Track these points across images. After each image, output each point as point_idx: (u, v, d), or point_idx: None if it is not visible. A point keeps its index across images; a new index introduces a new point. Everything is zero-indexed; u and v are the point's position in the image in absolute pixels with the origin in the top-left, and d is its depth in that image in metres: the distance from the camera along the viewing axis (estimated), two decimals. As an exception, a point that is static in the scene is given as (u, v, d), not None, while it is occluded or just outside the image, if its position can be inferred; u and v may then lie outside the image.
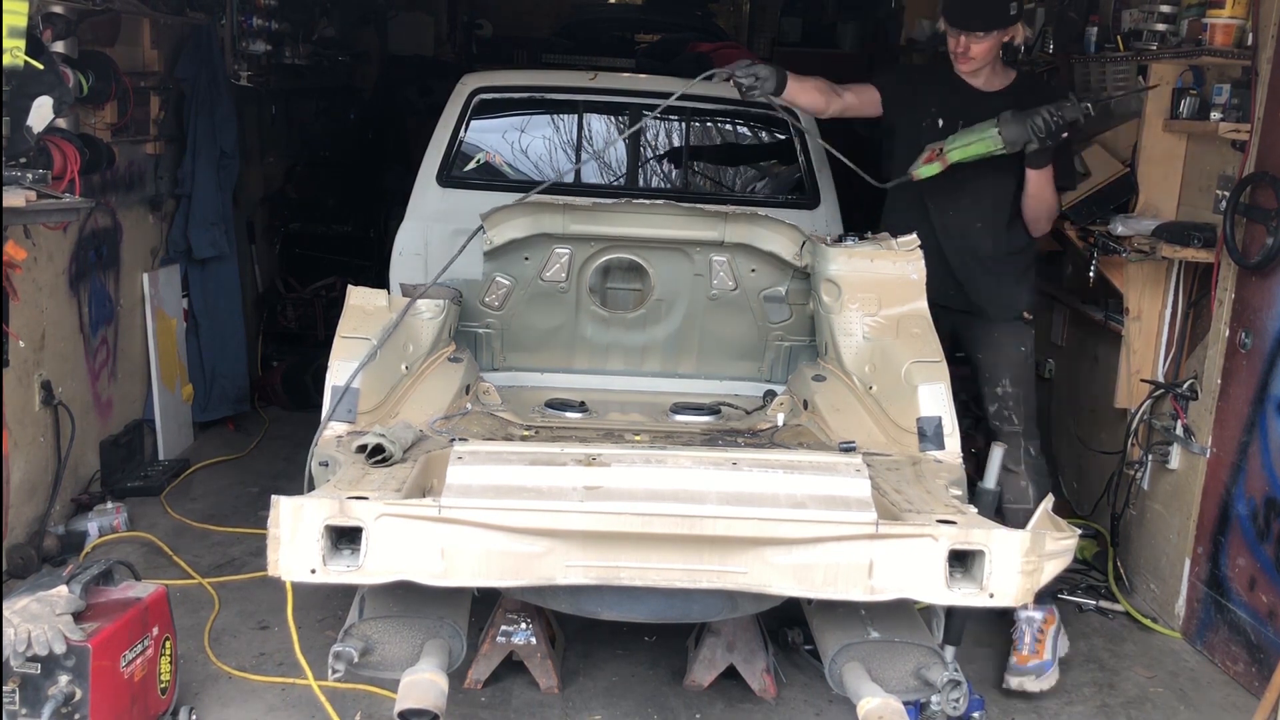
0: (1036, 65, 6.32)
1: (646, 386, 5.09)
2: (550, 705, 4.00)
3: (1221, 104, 4.46)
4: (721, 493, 3.03)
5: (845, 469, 3.14)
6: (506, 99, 5.52)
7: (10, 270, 4.36)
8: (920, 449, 3.89)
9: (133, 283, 5.84)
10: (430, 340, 4.33)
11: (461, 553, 2.98)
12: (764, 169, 5.83)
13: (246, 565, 4.92)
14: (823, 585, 3.05)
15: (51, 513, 4.97)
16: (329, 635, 4.10)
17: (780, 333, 4.99)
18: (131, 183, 5.82)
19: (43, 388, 4.85)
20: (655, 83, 5.73)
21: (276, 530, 2.91)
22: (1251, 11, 4.36)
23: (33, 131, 4.05)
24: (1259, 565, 4.27)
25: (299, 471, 3.71)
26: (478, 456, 3.13)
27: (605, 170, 5.55)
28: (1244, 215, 4.33)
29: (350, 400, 3.90)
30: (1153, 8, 4.81)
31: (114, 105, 5.29)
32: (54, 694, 3.17)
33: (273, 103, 7.90)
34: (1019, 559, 2.99)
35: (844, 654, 3.24)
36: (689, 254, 4.82)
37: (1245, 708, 4.04)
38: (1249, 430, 4.34)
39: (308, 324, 7.78)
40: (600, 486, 3.02)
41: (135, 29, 5.75)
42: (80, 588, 3.39)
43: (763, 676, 4.05)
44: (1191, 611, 4.70)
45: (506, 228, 4.63)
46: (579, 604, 3.36)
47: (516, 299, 4.88)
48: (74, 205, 4.36)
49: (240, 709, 3.86)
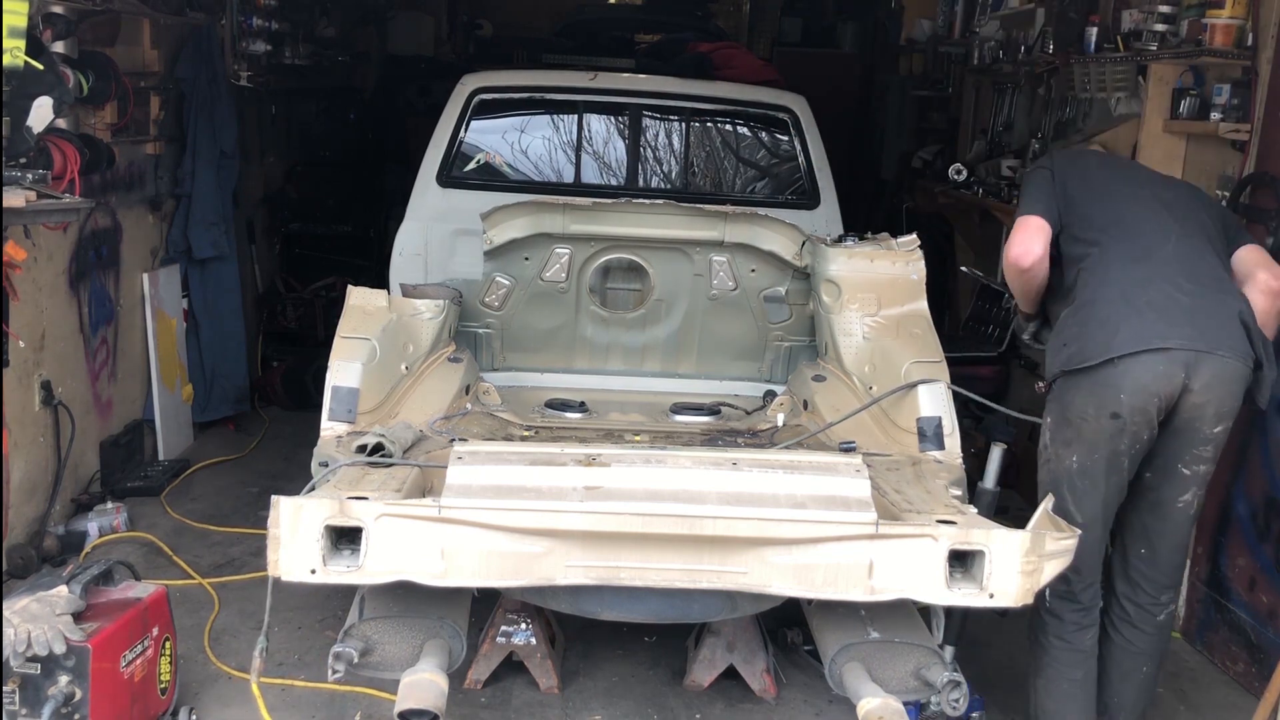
0: (1037, 65, 6.34)
1: (646, 386, 5.10)
2: (550, 705, 4.00)
3: (1221, 104, 4.46)
4: (721, 493, 3.03)
5: (845, 469, 3.14)
6: (506, 99, 5.52)
7: (10, 270, 4.36)
8: (920, 449, 3.90)
9: (133, 283, 5.84)
10: (430, 340, 4.33)
11: (461, 553, 2.98)
12: (764, 169, 5.83)
13: (246, 565, 4.92)
14: (823, 585, 3.05)
15: (51, 513, 4.97)
16: (329, 635, 4.10)
17: (780, 333, 4.99)
18: (131, 183, 5.82)
19: (43, 388, 4.85)
20: (655, 83, 5.74)
21: (276, 530, 2.92)
22: (1251, 11, 4.36)
23: (33, 131, 4.06)
24: (1259, 565, 4.27)
25: (299, 471, 3.71)
26: (478, 457, 3.13)
27: (605, 170, 5.55)
28: (1244, 215, 4.33)
29: (350, 400, 3.90)
30: (1153, 8, 4.81)
31: (114, 105, 5.29)
32: (54, 694, 3.17)
33: (273, 103, 7.90)
34: (1019, 559, 2.99)
35: (844, 654, 3.24)
36: (689, 254, 4.82)
37: (1245, 708, 4.04)
38: (1249, 430, 4.34)
39: (308, 324, 7.77)
40: (600, 487, 3.02)
41: (135, 29, 5.74)
42: (80, 588, 3.39)
43: (763, 676, 4.05)
44: (1191, 611, 4.69)
45: (506, 228, 4.63)
46: (579, 604, 3.36)
47: (516, 299, 4.88)
48: (74, 205, 4.36)
49: (240, 709, 3.85)
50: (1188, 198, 3.69)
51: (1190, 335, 3.27)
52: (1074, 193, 3.59)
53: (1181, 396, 3.31)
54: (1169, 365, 3.26)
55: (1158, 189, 3.69)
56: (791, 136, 5.46)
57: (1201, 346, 3.27)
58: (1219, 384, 3.30)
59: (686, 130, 5.69)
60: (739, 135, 5.87)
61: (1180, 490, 3.46)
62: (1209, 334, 3.29)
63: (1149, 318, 3.31)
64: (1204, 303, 3.34)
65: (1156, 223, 3.50)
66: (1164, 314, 3.31)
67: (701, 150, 5.90)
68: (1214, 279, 3.42)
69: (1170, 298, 3.33)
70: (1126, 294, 3.37)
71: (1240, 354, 3.30)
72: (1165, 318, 3.30)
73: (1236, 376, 3.32)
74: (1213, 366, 3.27)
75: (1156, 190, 3.67)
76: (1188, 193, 3.75)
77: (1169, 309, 3.31)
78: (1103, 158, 4.49)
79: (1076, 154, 4.60)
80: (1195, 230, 3.51)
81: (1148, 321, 3.30)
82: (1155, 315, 3.31)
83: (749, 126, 5.85)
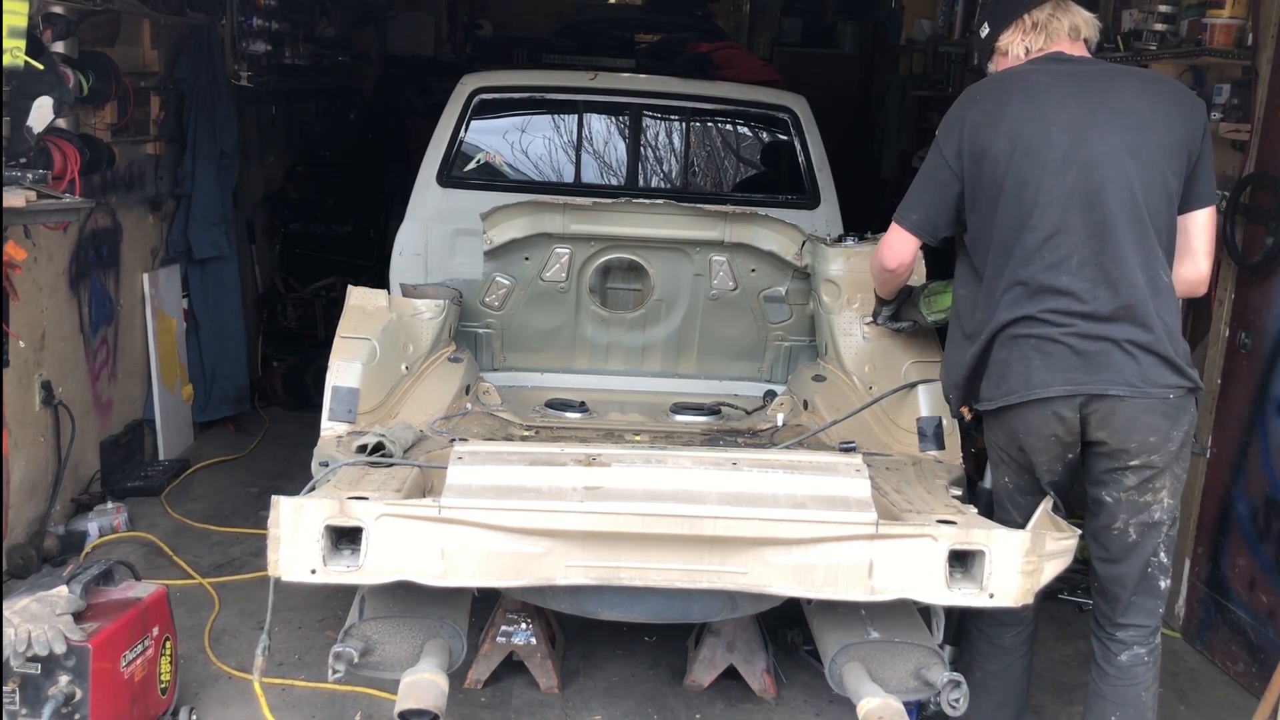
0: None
1: (646, 386, 5.10)
2: (550, 705, 4.00)
3: (1221, 104, 4.46)
4: (721, 493, 3.03)
5: (845, 469, 3.13)
6: (507, 99, 5.52)
7: (10, 270, 4.36)
8: (920, 449, 3.90)
9: (133, 283, 5.84)
10: (430, 340, 4.33)
11: (461, 553, 2.98)
12: (764, 169, 5.83)
13: (246, 565, 4.92)
14: (823, 585, 3.05)
15: (51, 513, 4.97)
16: (329, 635, 4.10)
17: (780, 333, 5.00)
18: (131, 183, 5.82)
19: (43, 388, 4.85)
20: (655, 83, 5.74)
21: (277, 530, 2.92)
22: (1251, 11, 4.36)
23: (33, 131, 4.06)
24: (1259, 565, 4.27)
25: (299, 471, 3.71)
26: (478, 457, 3.13)
27: (605, 170, 5.55)
28: (1244, 215, 4.34)
29: (350, 400, 3.90)
30: (1153, 8, 4.81)
31: (114, 105, 5.29)
32: (54, 694, 3.17)
33: (273, 103, 7.90)
34: (1019, 559, 2.99)
35: (844, 654, 3.24)
36: (689, 254, 4.82)
37: (1245, 708, 4.04)
38: (1249, 430, 4.34)
39: (308, 324, 7.77)
40: (600, 487, 3.02)
41: (135, 29, 5.74)
42: (80, 588, 3.39)
43: (763, 676, 4.05)
44: (1191, 611, 4.70)
45: (506, 228, 4.63)
46: (579, 604, 3.36)
47: (516, 299, 4.88)
48: (74, 205, 4.36)
49: (240, 709, 3.86)
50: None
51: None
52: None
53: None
54: (1058, 409, 3.11)
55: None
56: (792, 136, 5.47)
57: (1095, 389, 3.05)
58: (1120, 421, 3.07)
59: (687, 130, 5.70)
60: (739, 135, 5.87)
61: (1109, 519, 3.18)
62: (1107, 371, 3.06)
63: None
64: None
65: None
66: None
67: (702, 150, 5.90)
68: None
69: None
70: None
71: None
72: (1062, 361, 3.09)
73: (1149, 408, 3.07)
74: (1109, 405, 3.08)
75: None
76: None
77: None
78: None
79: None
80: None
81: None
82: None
83: (749, 126, 5.85)
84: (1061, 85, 3.16)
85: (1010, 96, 3.17)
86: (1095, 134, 3.08)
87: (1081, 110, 3.11)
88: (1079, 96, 3.13)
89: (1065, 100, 3.13)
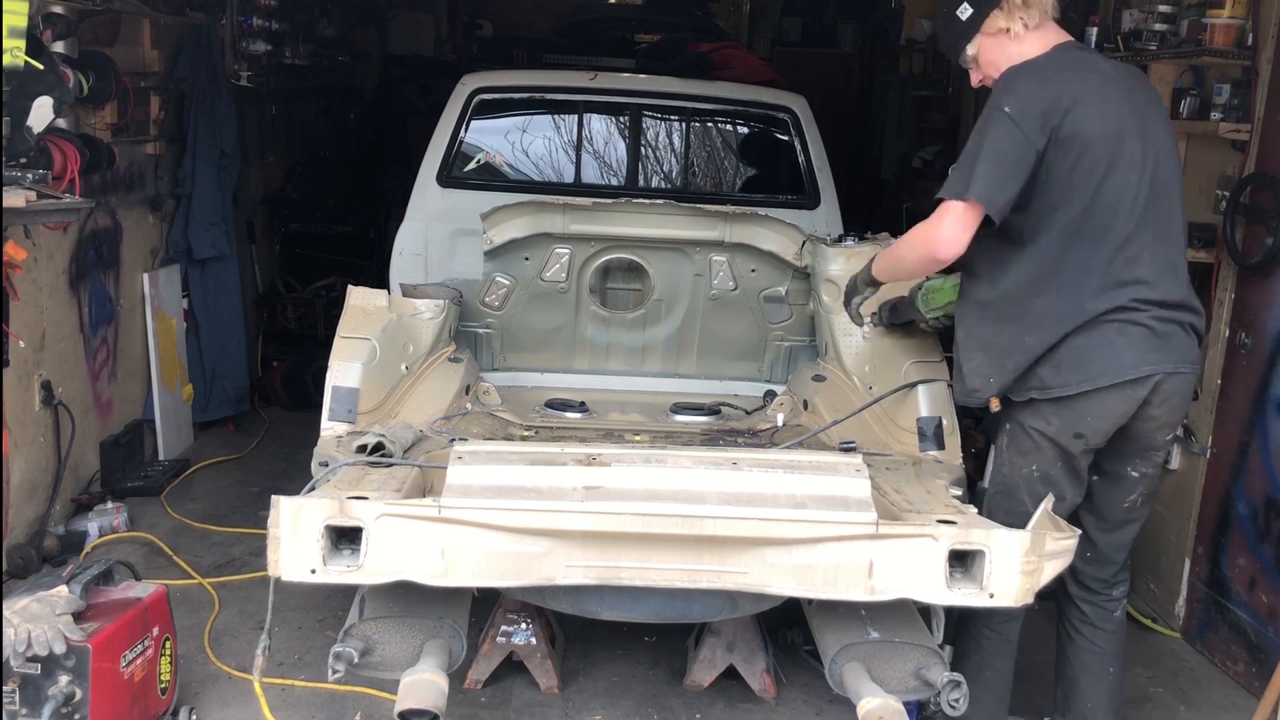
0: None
1: (646, 386, 5.10)
2: (550, 705, 4.00)
3: (1221, 104, 4.46)
4: (721, 493, 3.02)
5: (845, 469, 3.13)
6: (507, 99, 5.52)
7: (10, 270, 4.36)
8: (920, 449, 3.90)
9: (133, 283, 5.84)
10: (430, 340, 4.33)
11: (461, 553, 2.98)
12: (764, 169, 5.83)
13: (246, 565, 4.92)
14: (823, 585, 3.05)
15: (51, 513, 4.97)
16: (329, 635, 4.10)
17: (780, 333, 5.00)
18: (131, 183, 5.82)
19: (43, 388, 4.85)
20: (655, 83, 5.74)
21: (277, 530, 2.92)
22: (1251, 11, 4.36)
23: (33, 131, 4.06)
24: (1259, 565, 4.27)
25: (299, 471, 3.71)
26: (478, 456, 3.13)
27: (605, 170, 5.56)
28: (1244, 215, 4.33)
29: (350, 400, 3.90)
30: (1153, 8, 4.81)
31: (114, 105, 5.29)
32: (54, 694, 3.17)
33: (273, 103, 7.91)
34: (1019, 559, 2.99)
35: (844, 654, 3.24)
36: (689, 254, 4.82)
37: (1245, 708, 4.04)
38: (1249, 430, 4.34)
39: (308, 324, 7.78)
40: (600, 486, 3.02)
41: (135, 29, 5.75)
42: (80, 588, 3.39)
43: (763, 676, 4.05)
44: (1191, 611, 4.70)
45: (506, 228, 4.63)
46: (579, 604, 3.35)
47: (516, 299, 4.88)
48: (74, 205, 4.35)
49: (240, 709, 3.86)
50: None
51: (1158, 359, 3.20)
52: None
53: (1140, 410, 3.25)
54: (1136, 390, 3.21)
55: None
56: (791, 136, 5.47)
57: (1169, 368, 3.21)
58: (1177, 398, 3.29)
59: (686, 130, 5.70)
60: (739, 135, 5.87)
61: (1128, 492, 3.42)
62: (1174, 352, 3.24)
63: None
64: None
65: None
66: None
67: (702, 150, 5.90)
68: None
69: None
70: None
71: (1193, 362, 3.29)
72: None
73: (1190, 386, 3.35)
74: (1175, 383, 3.25)
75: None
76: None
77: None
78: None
79: None
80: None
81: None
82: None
83: (749, 126, 5.85)
84: (1120, 78, 3.26)
85: (1090, 80, 3.18)
86: (1154, 131, 3.22)
87: (1136, 105, 3.22)
88: (1130, 92, 3.24)
89: (1127, 95, 3.23)
